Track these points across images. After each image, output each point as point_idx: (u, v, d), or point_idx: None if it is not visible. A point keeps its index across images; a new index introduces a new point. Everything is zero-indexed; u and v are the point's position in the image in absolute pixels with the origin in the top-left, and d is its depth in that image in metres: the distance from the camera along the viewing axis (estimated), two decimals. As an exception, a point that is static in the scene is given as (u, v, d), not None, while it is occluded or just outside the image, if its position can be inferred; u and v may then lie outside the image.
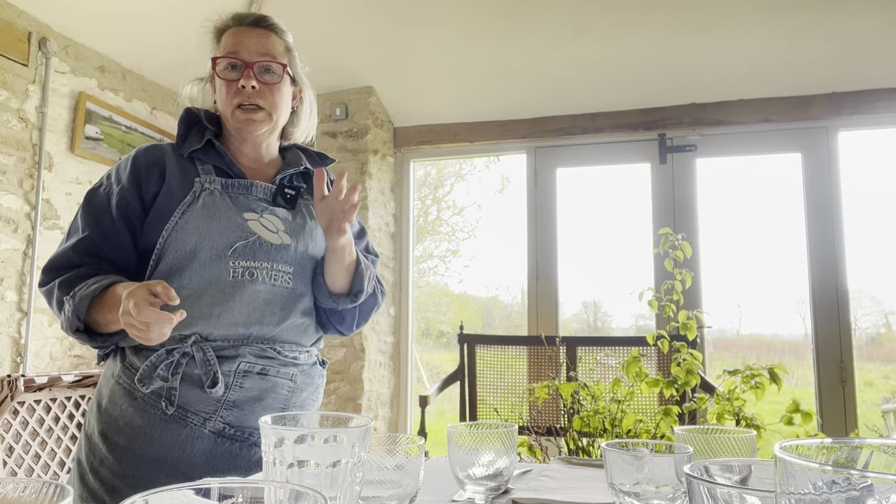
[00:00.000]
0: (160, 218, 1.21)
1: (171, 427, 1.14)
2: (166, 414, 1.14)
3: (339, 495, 0.64)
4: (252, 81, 1.25)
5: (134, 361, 1.18)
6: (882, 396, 3.50)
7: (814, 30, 3.10)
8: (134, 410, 1.15)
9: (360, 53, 3.58)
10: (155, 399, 1.15)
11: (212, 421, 1.15)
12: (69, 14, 3.01)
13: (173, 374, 1.14)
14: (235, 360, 1.17)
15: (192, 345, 1.15)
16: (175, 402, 1.14)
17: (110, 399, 1.18)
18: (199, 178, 1.25)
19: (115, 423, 1.15)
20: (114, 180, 1.26)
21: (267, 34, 1.31)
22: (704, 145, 3.59)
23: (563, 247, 3.76)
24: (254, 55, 1.27)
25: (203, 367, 1.15)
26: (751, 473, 0.65)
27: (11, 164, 2.83)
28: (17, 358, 2.84)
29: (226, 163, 1.30)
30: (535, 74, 3.55)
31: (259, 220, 1.26)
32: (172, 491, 0.43)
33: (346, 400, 3.61)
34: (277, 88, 1.29)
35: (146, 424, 1.14)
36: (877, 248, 3.42)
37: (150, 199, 1.23)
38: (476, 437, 0.92)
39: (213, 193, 1.24)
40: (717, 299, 3.51)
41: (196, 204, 1.22)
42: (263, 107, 1.28)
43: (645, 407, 2.36)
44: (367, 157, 3.79)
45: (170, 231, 1.19)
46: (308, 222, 1.33)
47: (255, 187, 1.30)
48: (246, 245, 1.22)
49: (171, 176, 1.25)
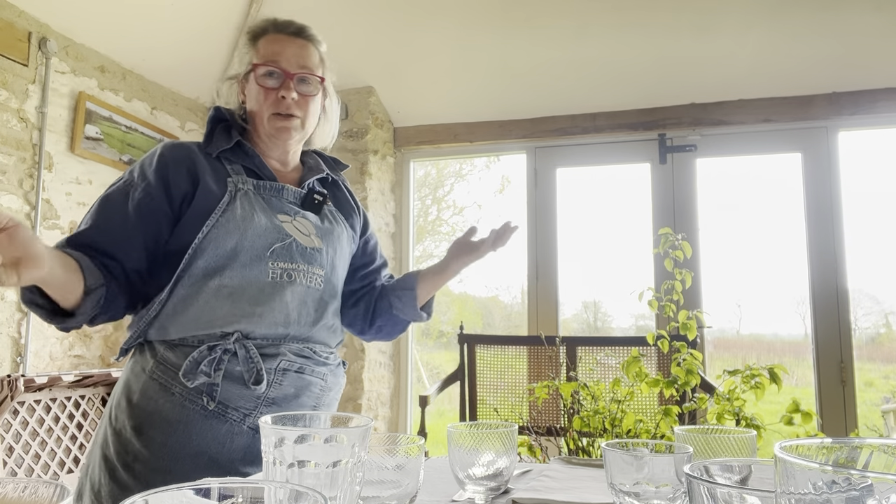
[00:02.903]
0: (198, 216, 1.21)
1: (210, 422, 1.15)
2: (207, 409, 1.15)
3: (339, 495, 0.64)
4: (293, 94, 1.28)
5: (169, 357, 1.18)
6: (882, 396, 3.50)
7: (814, 30, 3.10)
8: (172, 406, 1.15)
9: (360, 53, 3.58)
10: (195, 395, 1.15)
11: (251, 417, 1.17)
12: (69, 14, 3.01)
13: (215, 371, 1.15)
14: (276, 358, 1.20)
15: (234, 342, 1.17)
16: (216, 397, 1.15)
17: (143, 394, 1.17)
18: (230, 178, 1.26)
19: (149, 417, 1.15)
20: (137, 176, 1.24)
21: (306, 45, 1.34)
22: (704, 145, 3.59)
23: (563, 247, 3.76)
24: (294, 66, 1.30)
25: (245, 364, 1.17)
26: (751, 473, 0.65)
27: (11, 164, 2.83)
28: (17, 358, 2.84)
29: (256, 164, 1.32)
30: (536, 74, 3.55)
31: (293, 223, 1.28)
32: (172, 491, 0.43)
33: (346, 400, 3.61)
34: (313, 100, 1.33)
35: (185, 419, 1.14)
36: (877, 248, 3.42)
37: (179, 198, 1.23)
38: (476, 437, 0.92)
39: (248, 194, 1.26)
40: (717, 299, 3.51)
41: (234, 204, 1.23)
42: (299, 116, 1.31)
43: (645, 407, 2.36)
44: (367, 157, 3.79)
45: (209, 229, 1.19)
46: (336, 227, 1.37)
47: (286, 190, 1.32)
48: (283, 247, 1.24)
49: (205, 174, 1.25)
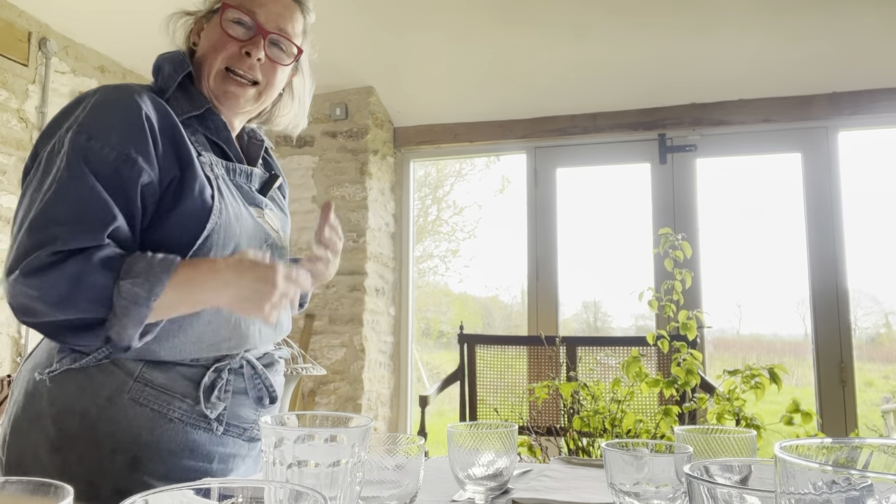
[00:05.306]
0: (194, 215, 0.99)
1: (216, 444, 1.04)
2: (215, 434, 1.03)
3: (339, 495, 0.64)
4: (260, 52, 1.07)
5: (156, 379, 0.99)
6: (882, 396, 3.50)
7: (814, 30, 3.10)
8: (174, 433, 0.99)
9: (360, 53, 3.58)
10: (198, 418, 1.02)
11: (251, 430, 1.09)
12: (69, 14, 3.01)
13: (225, 393, 1.04)
14: (273, 367, 1.13)
15: (239, 359, 1.06)
16: (224, 420, 1.04)
17: (131, 423, 0.97)
18: (201, 157, 1.03)
19: (146, 449, 0.97)
20: (124, 145, 0.94)
21: (293, 6, 1.13)
22: (704, 145, 3.59)
23: (563, 247, 3.76)
24: (271, 24, 1.09)
25: (251, 382, 1.07)
26: (751, 473, 0.65)
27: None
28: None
29: (223, 139, 1.10)
30: (535, 74, 3.55)
31: (265, 218, 1.13)
32: (172, 491, 0.43)
33: (346, 400, 3.61)
34: (281, 70, 1.12)
35: (191, 446, 1.01)
36: (877, 248, 3.42)
37: (166, 182, 0.99)
38: (476, 437, 0.92)
39: (224, 181, 1.06)
40: (717, 299, 3.51)
41: (223, 197, 1.03)
42: (258, 82, 1.10)
43: (645, 407, 2.36)
44: (367, 157, 3.79)
45: (210, 233, 0.99)
46: (286, 216, 1.24)
47: (253, 176, 1.13)
48: (267, 249, 1.10)
49: (192, 157, 1.01)
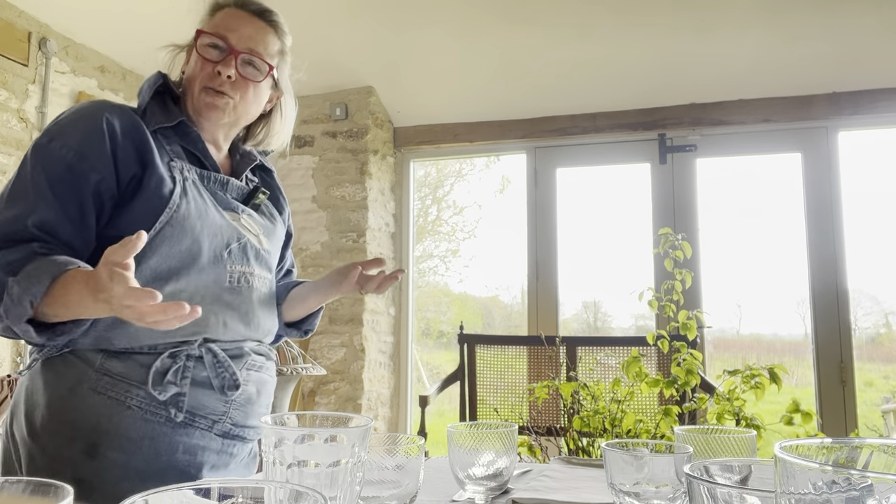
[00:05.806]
0: (149, 207, 1.05)
1: (179, 434, 1.06)
2: (174, 421, 1.05)
3: (339, 495, 0.64)
4: (230, 70, 1.14)
5: (114, 367, 1.04)
6: (882, 396, 3.50)
7: (814, 30, 3.09)
8: (132, 421, 1.03)
9: (359, 53, 3.58)
10: (157, 406, 1.05)
11: (221, 423, 1.10)
12: (69, 14, 3.01)
13: (182, 379, 1.06)
14: (242, 359, 1.14)
15: (198, 346, 1.08)
16: (184, 408, 1.06)
17: (89, 411, 1.02)
18: (173, 162, 1.11)
19: (104, 437, 1.02)
20: (81, 146, 1.04)
21: (265, 29, 1.19)
22: (704, 145, 3.59)
23: (564, 247, 3.76)
24: (242, 44, 1.15)
25: (214, 370, 1.09)
26: (751, 473, 0.65)
27: (11, 164, 2.83)
28: (17, 358, 2.84)
29: (199, 150, 1.18)
30: (535, 74, 3.55)
31: (241, 221, 1.19)
32: (172, 491, 0.43)
33: (346, 400, 3.61)
34: (254, 86, 1.18)
35: (151, 434, 1.04)
36: (877, 248, 3.42)
37: (126, 180, 1.06)
38: (476, 437, 0.92)
39: (195, 185, 1.12)
40: (717, 299, 3.51)
41: (186, 195, 1.09)
42: (231, 97, 1.16)
43: (645, 407, 2.36)
44: (367, 157, 3.79)
45: (163, 225, 1.05)
46: (276, 226, 1.28)
47: (230, 185, 1.20)
48: (239, 247, 1.15)
49: (153, 157, 1.08)
